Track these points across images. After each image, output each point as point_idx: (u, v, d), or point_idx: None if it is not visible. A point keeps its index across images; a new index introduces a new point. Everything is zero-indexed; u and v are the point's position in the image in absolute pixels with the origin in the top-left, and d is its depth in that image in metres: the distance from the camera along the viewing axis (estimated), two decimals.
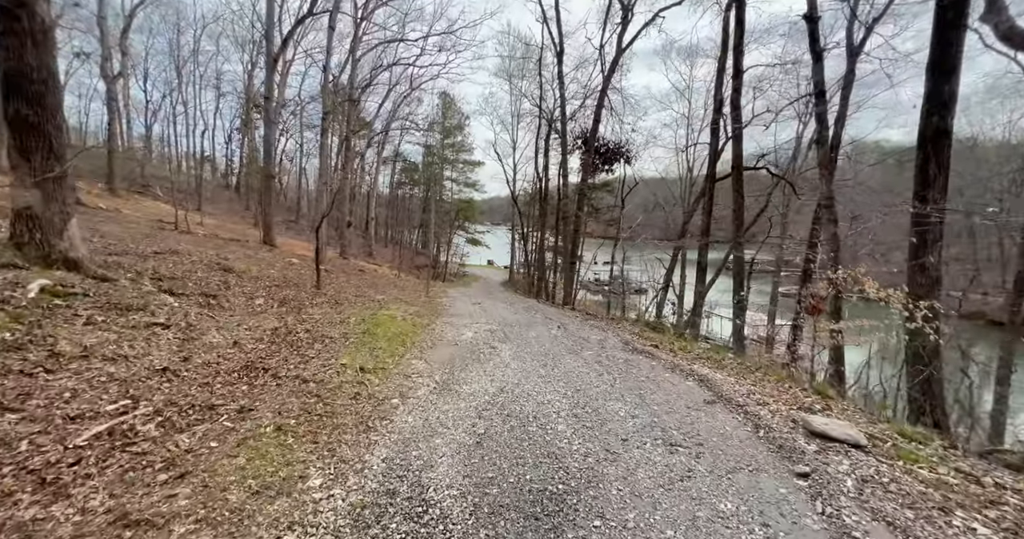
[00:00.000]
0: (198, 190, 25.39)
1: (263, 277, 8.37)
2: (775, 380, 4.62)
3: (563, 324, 9.28)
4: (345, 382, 3.89)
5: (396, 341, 5.65)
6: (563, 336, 7.74)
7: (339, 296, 9.34)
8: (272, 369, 3.92)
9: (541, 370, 5.21)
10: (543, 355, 6.07)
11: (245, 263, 9.22)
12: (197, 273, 6.87)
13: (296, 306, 7.05)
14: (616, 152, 17.55)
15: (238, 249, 12.54)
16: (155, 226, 14.48)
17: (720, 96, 12.02)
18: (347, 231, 20.19)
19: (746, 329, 20.42)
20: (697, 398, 4.17)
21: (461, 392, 4.18)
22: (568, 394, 4.31)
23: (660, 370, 5.30)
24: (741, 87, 9.69)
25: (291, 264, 11.91)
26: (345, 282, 12.30)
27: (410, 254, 30.89)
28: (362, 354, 4.80)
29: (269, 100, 14.68)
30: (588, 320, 10.19)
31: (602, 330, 8.54)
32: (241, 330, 4.77)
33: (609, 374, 5.11)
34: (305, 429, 2.96)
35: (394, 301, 10.77)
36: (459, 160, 33.93)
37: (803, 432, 3.19)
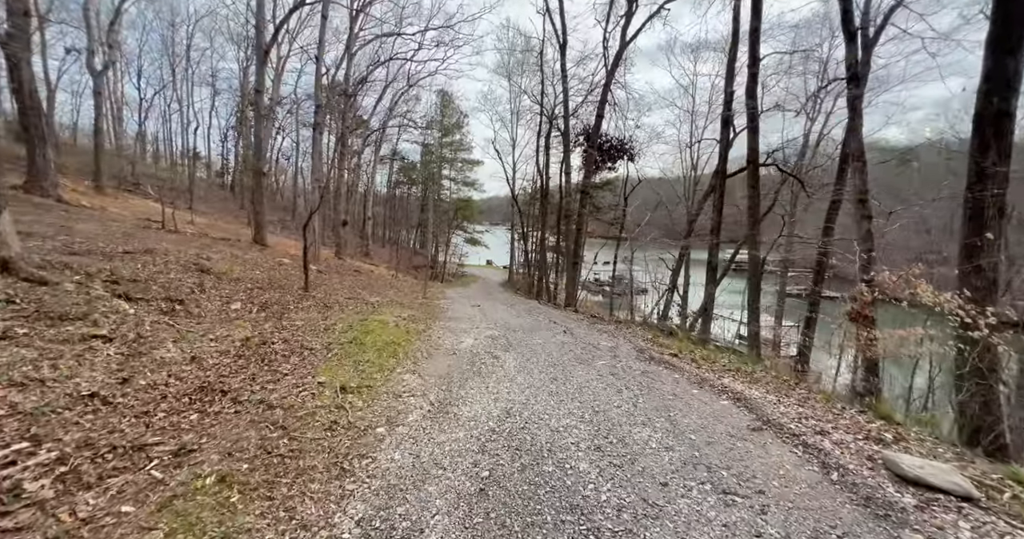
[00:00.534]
0: (190, 188, 24.64)
1: (246, 279, 7.68)
2: (823, 399, 3.97)
3: (569, 328, 8.61)
4: (320, 407, 3.21)
5: (387, 351, 4.97)
6: (571, 343, 7.07)
7: (329, 299, 8.65)
8: (233, 391, 3.24)
9: (551, 385, 4.54)
10: (551, 366, 5.41)
11: (228, 263, 8.52)
12: (168, 275, 6.17)
13: (278, 311, 6.37)
14: (619, 149, 16.91)
15: (225, 248, 11.82)
16: (140, 225, 13.75)
17: (731, 88, 11.37)
18: (343, 230, 19.49)
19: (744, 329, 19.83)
20: (738, 423, 3.51)
21: (460, 416, 3.51)
22: (585, 417, 3.65)
23: (685, 385, 4.63)
24: (758, 75, 9.06)
25: (280, 264, 11.21)
26: (338, 283, 11.61)
27: (408, 254, 30.19)
28: (345, 369, 4.12)
29: (260, 94, 13.95)
30: (595, 324, 9.53)
31: (612, 335, 7.88)
32: (205, 342, 4.08)
33: (629, 390, 4.44)
34: (259, 477, 2.28)
35: (389, 304, 10.09)
36: (458, 159, 33.23)
37: (888, 475, 2.53)
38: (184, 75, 27.95)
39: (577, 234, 16.00)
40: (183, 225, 17.32)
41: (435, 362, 5.10)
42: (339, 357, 4.46)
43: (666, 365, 5.50)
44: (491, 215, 49.32)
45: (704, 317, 11.30)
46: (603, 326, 9.30)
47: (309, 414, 3.08)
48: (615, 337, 7.71)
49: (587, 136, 16.87)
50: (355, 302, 9.33)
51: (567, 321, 10.16)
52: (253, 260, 10.72)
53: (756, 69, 8.90)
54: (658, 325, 10.55)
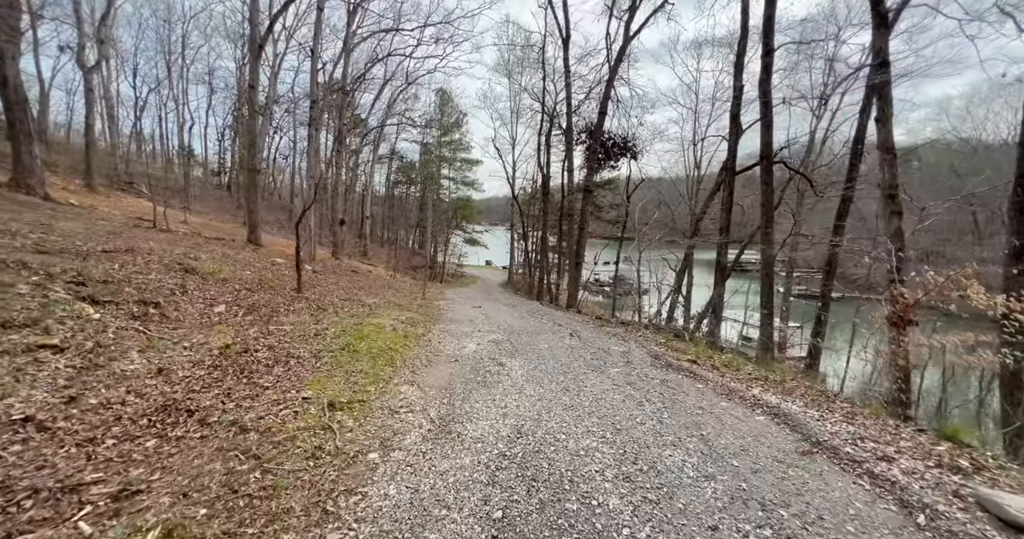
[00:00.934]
0: (186, 188, 24.12)
1: (234, 279, 7.21)
2: (871, 415, 3.52)
3: (575, 331, 8.16)
4: (303, 429, 2.74)
5: (382, 359, 4.50)
6: (579, 347, 6.62)
7: (323, 300, 8.18)
8: (202, 410, 2.78)
9: (564, 397, 4.09)
10: (562, 373, 4.95)
11: (216, 263, 8.04)
12: (148, 275, 5.70)
13: (267, 314, 5.90)
14: (623, 146, 16.48)
15: (217, 248, 11.33)
16: (130, 224, 13.25)
17: (739, 82, 10.95)
18: (340, 230, 19.01)
19: (749, 331, 19.37)
20: (783, 444, 3.06)
21: (465, 437, 3.05)
22: (607, 436, 3.19)
23: (712, 396, 4.18)
24: (772, 67, 8.63)
25: (274, 264, 10.73)
26: (334, 284, 11.13)
27: (407, 254, 29.71)
28: (335, 381, 3.65)
29: (255, 89, 13.46)
30: (602, 326, 9.08)
31: (621, 339, 7.43)
32: (178, 350, 3.61)
33: (650, 402, 3.99)
34: (218, 528, 1.82)
35: (386, 306, 9.62)
36: (457, 158, 32.76)
37: (988, 519, 2.08)
38: (180, 73, 27.40)
39: (579, 233, 15.56)
40: (176, 224, 16.83)
41: (436, 371, 4.64)
42: (329, 366, 3.99)
43: (686, 373, 5.04)
44: (490, 215, 48.90)
45: (713, 319, 10.86)
46: (611, 329, 8.85)
47: (289, 438, 2.61)
48: (625, 341, 7.26)
49: (590, 133, 16.43)
50: (350, 304, 8.86)
51: (572, 323, 9.70)
52: (245, 260, 10.25)
53: (770, 60, 8.47)
54: (667, 328, 10.10)
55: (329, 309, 7.62)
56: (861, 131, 11.89)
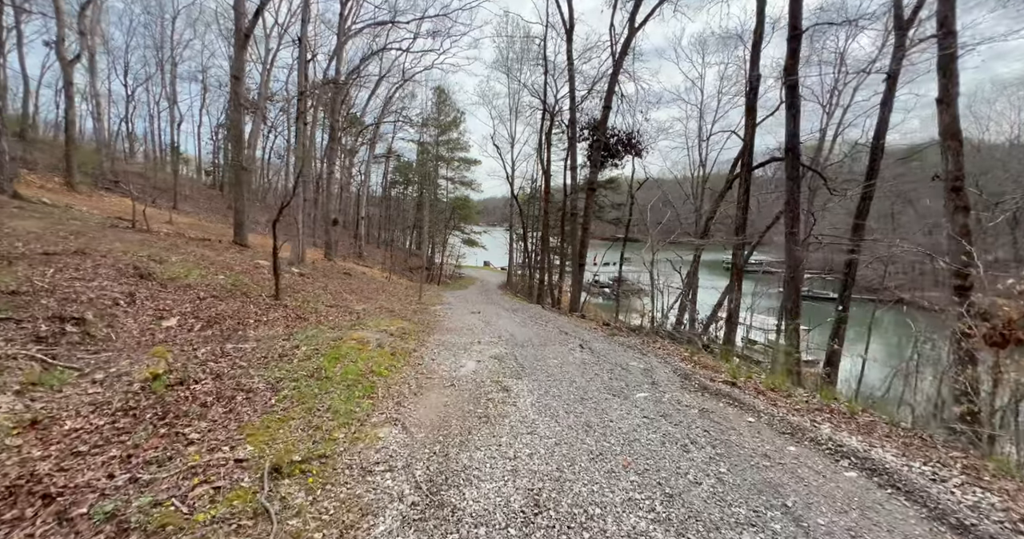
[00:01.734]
0: (175, 187, 23.10)
1: (201, 285, 6.27)
2: (997, 472, 2.65)
3: (584, 341, 7.27)
4: (221, 520, 1.83)
5: (361, 388, 3.59)
6: (592, 362, 5.73)
7: (304, 308, 7.26)
8: (71, 493, 1.85)
9: (587, 438, 3.19)
10: (579, 400, 4.06)
11: (186, 267, 7.11)
12: (88, 283, 4.77)
13: (230, 328, 4.98)
14: (627, 143, 15.62)
15: (196, 249, 10.39)
16: (106, 224, 12.32)
17: (756, 72, 10.09)
18: (333, 230, 18.07)
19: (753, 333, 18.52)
20: (910, 528, 2.17)
21: (463, 515, 2.14)
22: (658, 510, 2.29)
23: (772, 436, 3.30)
24: (799, 50, 7.77)
25: (256, 267, 9.79)
26: (322, 288, 10.20)
27: (403, 255, 28.78)
28: (291, 426, 2.74)
29: (239, 80, 12.51)
30: (613, 335, 8.19)
31: (639, 352, 6.53)
32: (81, 387, 2.69)
33: (697, 446, 3.10)
34: None
35: (377, 313, 8.70)
36: (455, 158, 31.80)
37: None
38: (170, 68, 26.36)
39: (583, 234, 14.68)
40: (160, 224, 15.86)
41: (427, 401, 3.73)
42: (288, 403, 3.07)
43: (727, 400, 4.15)
44: (488, 216, 48.02)
45: (728, 325, 10.00)
46: (623, 338, 7.96)
47: None
48: (643, 354, 6.36)
49: (593, 129, 15.56)
50: (337, 311, 7.94)
51: (579, 330, 8.82)
52: (224, 262, 9.31)
53: (797, 44, 7.62)
54: (681, 334, 9.22)
55: (310, 318, 6.70)
56: (882, 124, 11.06)
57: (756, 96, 10.10)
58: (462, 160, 31.73)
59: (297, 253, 12.14)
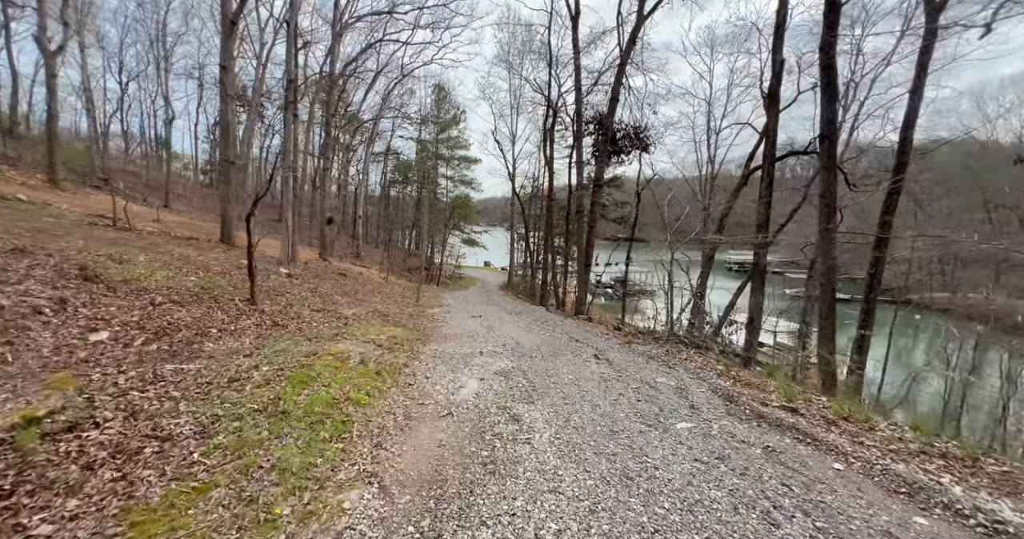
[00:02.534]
0: (167, 185, 22.22)
1: (161, 288, 5.38)
2: None
3: (599, 350, 6.40)
4: None
5: (328, 426, 2.71)
6: (613, 377, 4.86)
7: (284, 314, 6.37)
8: None
9: (630, 498, 2.31)
10: (608, 435, 3.19)
11: (149, 268, 6.22)
12: (14, 285, 3.88)
13: (184, 340, 4.09)
14: (634, 138, 14.76)
15: (176, 248, 9.51)
16: (82, 222, 11.44)
17: (779, 56, 9.22)
18: (328, 229, 17.19)
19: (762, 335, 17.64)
20: None
21: None
22: None
23: (879, 495, 2.42)
24: (838, 24, 6.86)
25: (239, 268, 8.89)
26: (310, 291, 9.31)
27: (402, 255, 27.89)
28: (209, 502, 1.85)
29: (227, 70, 11.63)
30: (629, 342, 7.31)
31: (664, 364, 5.65)
32: None
33: (784, 514, 2.21)
34: None
35: (369, 318, 7.81)
36: (455, 156, 30.91)
37: None
38: (163, 63, 25.43)
39: (588, 232, 13.80)
40: (146, 223, 15.00)
41: (415, 440, 2.85)
42: (217, 458, 2.19)
43: (794, 434, 3.27)
44: (489, 216, 47.10)
45: (750, 329, 9.12)
46: (641, 345, 7.08)
47: None
48: (670, 367, 5.48)
49: (599, 123, 14.68)
50: (323, 317, 7.05)
51: (590, 336, 7.95)
52: (203, 262, 8.41)
53: (836, 16, 6.74)
54: (704, 341, 8.33)
55: (289, 326, 5.81)
56: (912, 115, 10.18)
57: (780, 82, 9.24)
58: (462, 158, 30.85)
59: (287, 252, 11.27)
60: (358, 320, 7.31)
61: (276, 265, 10.91)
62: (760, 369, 8.47)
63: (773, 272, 20.56)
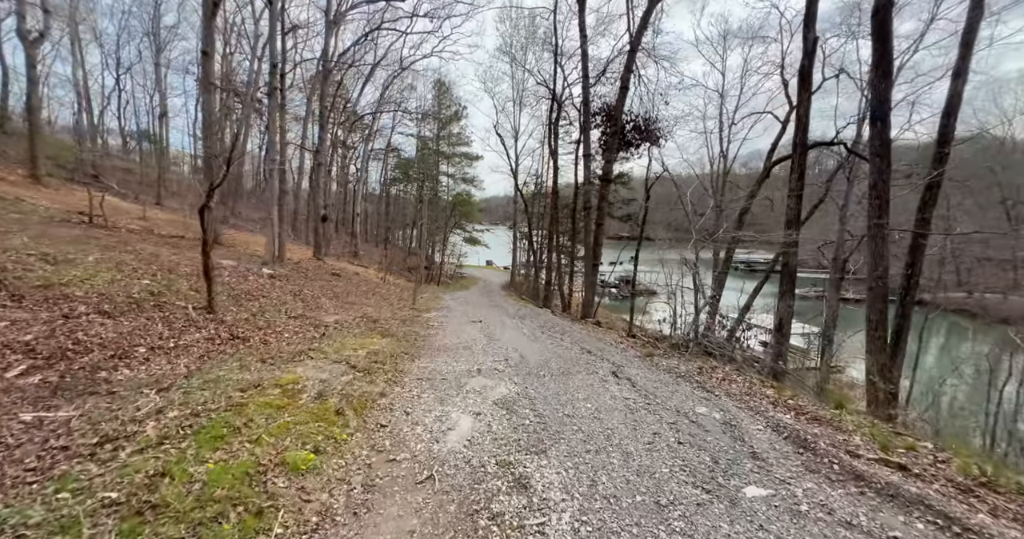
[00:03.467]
0: (159, 181, 21.31)
1: (92, 295, 4.38)
2: None
3: (618, 366, 5.38)
4: None
5: (229, 529, 1.70)
6: (642, 406, 3.84)
7: (251, 323, 5.37)
8: None
9: None
10: (654, 510, 2.18)
11: (91, 270, 5.23)
12: None
13: (91, 366, 3.09)
14: (644, 130, 13.69)
15: (149, 247, 8.55)
16: (53, 219, 10.54)
17: (812, 33, 8.15)
18: (323, 227, 16.22)
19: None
20: None
21: None
22: None
23: None
24: None
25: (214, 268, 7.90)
26: (292, 294, 8.32)
27: (402, 254, 26.91)
28: None
29: (208, 56, 10.60)
30: (650, 355, 6.27)
31: (699, 386, 4.62)
32: None
33: None
34: None
35: (354, 325, 6.81)
36: (456, 154, 29.85)
37: None
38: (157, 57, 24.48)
39: (596, 230, 12.77)
40: (132, 220, 14.10)
41: (373, 535, 1.85)
42: None
43: (920, 510, 2.25)
44: (491, 214, 46.06)
45: (778, 337, 8.08)
46: (663, 359, 6.05)
47: None
48: (706, 390, 4.45)
49: (607, 114, 13.61)
50: (299, 325, 6.05)
51: (603, 346, 6.92)
52: (172, 262, 7.43)
53: None
54: (725, 350, 7.29)
55: (251, 339, 4.81)
56: (955, 100, 9.07)
57: (813, 62, 8.18)
58: (464, 155, 29.80)
59: (272, 251, 10.29)
60: (340, 329, 6.31)
61: (260, 265, 9.94)
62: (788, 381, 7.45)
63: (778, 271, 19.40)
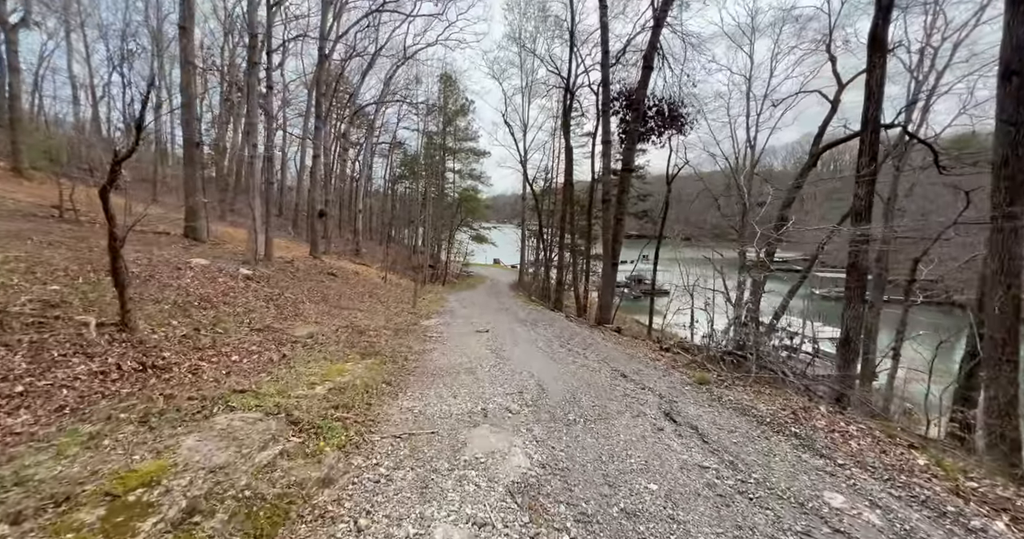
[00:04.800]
0: (154, 176, 20.18)
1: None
2: None
3: (668, 400, 3.93)
4: None
5: None
6: (735, 487, 2.38)
7: (186, 344, 3.98)
8: None
9: None
10: None
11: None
12: None
13: None
14: (669, 117, 12.16)
15: (104, 242, 7.24)
16: (19, 213, 9.39)
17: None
18: (319, 223, 14.92)
19: None
20: None
21: None
22: None
23: None
24: None
25: (178, 269, 6.58)
26: (268, 299, 6.96)
27: (406, 253, 25.58)
28: None
29: (186, 31, 9.32)
30: (704, 382, 4.79)
31: (802, 444, 3.15)
32: None
33: None
34: None
35: (333, 340, 5.41)
36: (463, 149, 28.41)
37: None
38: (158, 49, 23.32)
39: (616, 226, 11.28)
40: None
41: None
42: None
43: None
44: (498, 213, 44.61)
45: (844, 353, 6.53)
46: (726, 391, 4.57)
47: None
48: (823, 456, 2.98)
49: (628, 99, 12.07)
50: (257, 342, 4.66)
51: (638, 366, 5.47)
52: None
53: None
54: (785, 370, 5.77)
55: (173, 371, 3.44)
56: None
57: (888, 20, 6.61)
58: (470, 151, 28.36)
59: (253, 249, 8.98)
60: (311, 347, 4.93)
61: (240, 264, 8.61)
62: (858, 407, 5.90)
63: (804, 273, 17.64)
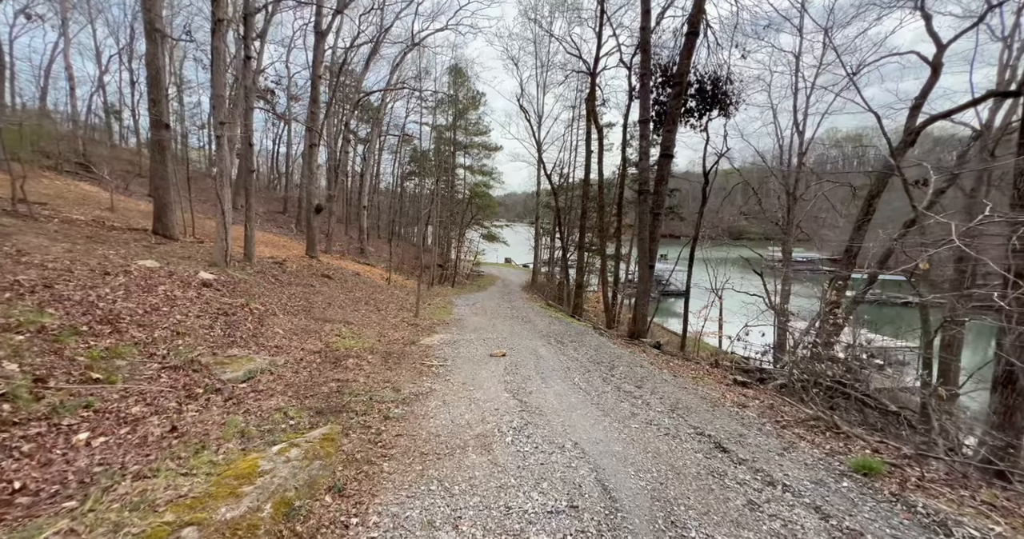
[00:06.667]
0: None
1: None
2: None
3: (835, 517, 2.06)
4: None
5: None
6: None
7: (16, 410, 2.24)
8: None
9: None
10: None
11: None
12: None
13: None
14: (714, 95, 10.15)
15: (34, 240, 5.60)
16: None
17: None
18: (316, 220, 13.25)
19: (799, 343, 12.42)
20: None
21: None
22: None
23: None
24: None
25: (106, 276, 4.86)
26: (219, 313, 5.21)
27: (414, 252, 23.89)
28: None
29: (150, 10, 7.66)
30: (868, 467, 2.92)
31: None
32: None
33: None
34: None
35: (272, 393, 3.62)
36: (474, 145, 26.59)
37: None
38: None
39: (653, 222, 9.31)
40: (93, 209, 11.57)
41: None
42: None
43: None
44: (509, 212, 42.78)
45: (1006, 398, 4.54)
46: (930, 500, 2.67)
47: None
48: None
49: (665, 75, 10.08)
50: (154, 393, 2.90)
51: (732, 425, 3.60)
52: (32, 265, 4.40)
53: None
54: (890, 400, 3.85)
55: None
56: None
57: None
58: (481, 146, 26.52)
59: (222, 248, 7.26)
60: (241, 399, 3.16)
61: (206, 266, 6.90)
62: None
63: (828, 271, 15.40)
